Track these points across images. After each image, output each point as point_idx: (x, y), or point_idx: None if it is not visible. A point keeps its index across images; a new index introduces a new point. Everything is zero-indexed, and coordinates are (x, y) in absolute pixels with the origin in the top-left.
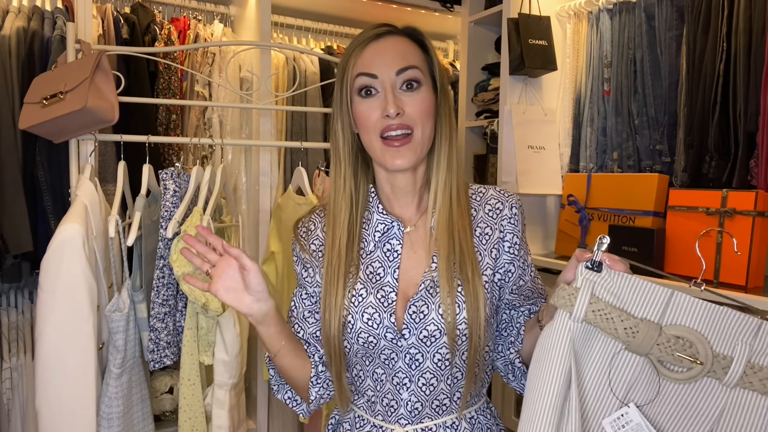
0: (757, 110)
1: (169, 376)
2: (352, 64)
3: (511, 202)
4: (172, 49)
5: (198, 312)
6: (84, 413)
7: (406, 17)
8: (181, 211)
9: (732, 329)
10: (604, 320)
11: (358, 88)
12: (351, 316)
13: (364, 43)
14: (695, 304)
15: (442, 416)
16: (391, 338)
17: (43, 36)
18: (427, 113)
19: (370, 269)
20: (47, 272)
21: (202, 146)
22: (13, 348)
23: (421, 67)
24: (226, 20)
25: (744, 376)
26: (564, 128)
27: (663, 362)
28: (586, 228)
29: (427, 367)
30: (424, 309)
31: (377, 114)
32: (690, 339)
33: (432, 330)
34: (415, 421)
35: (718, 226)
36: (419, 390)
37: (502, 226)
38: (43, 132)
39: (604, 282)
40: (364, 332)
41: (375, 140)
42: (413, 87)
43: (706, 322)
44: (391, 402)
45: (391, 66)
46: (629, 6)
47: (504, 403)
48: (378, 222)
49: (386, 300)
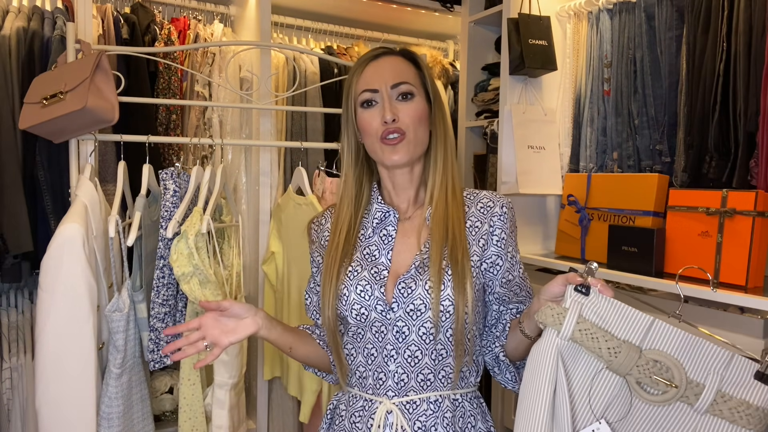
0: (757, 110)
1: (169, 376)
2: (356, 81)
3: (502, 202)
4: (172, 49)
5: (198, 312)
6: (84, 413)
7: (406, 17)
8: (181, 211)
9: (706, 359)
10: (590, 339)
11: (362, 101)
12: (346, 288)
13: (365, 63)
14: (674, 332)
15: (426, 391)
16: (381, 310)
17: (43, 36)
18: (419, 119)
19: (367, 251)
20: (47, 272)
21: (202, 146)
22: (13, 348)
23: (414, 82)
24: (226, 20)
25: (714, 404)
26: (564, 128)
27: (641, 384)
28: (586, 228)
29: (413, 339)
30: (411, 285)
31: (378, 121)
32: (667, 364)
33: (418, 304)
34: (401, 393)
35: (718, 226)
36: (405, 362)
37: (492, 221)
38: (43, 132)
39: (592, 305)
40: (357, 303)
41: (376, 143)
42: (407, 98)
43: (682, 350)
44: (380, 375)
45: (388, 81)
46: (629, 6)
47: (504, 403)
48: (377, 210)
49: (378, 275)
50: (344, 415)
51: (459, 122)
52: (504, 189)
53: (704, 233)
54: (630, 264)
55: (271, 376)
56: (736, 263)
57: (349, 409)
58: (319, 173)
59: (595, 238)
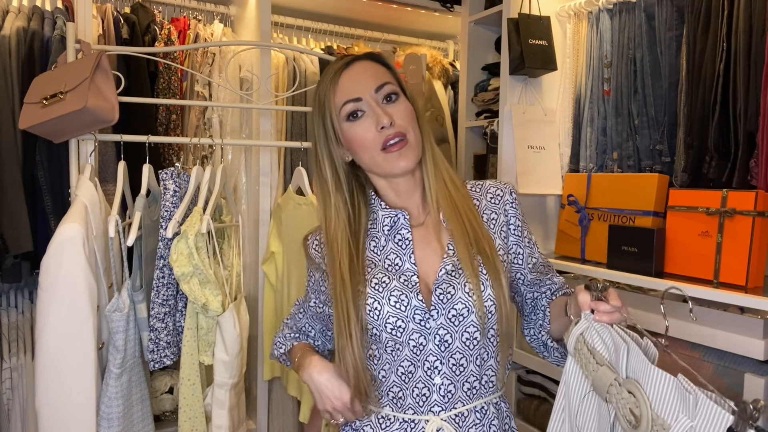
0: (757, 110)
1: (169, 376)
2: (332, 95)
3: (509, 188)
4: (172, 49)
5: (198, 312)
6: (84, 413)
7: (406, 17)
8: (181, 211)
9: (673, 399)
10: (580, 356)
11: (346, 114)
12: (377, 302)
13: (337, 73)
14: (644, 365)
15: (473, 401)
16: (420, 319)
17: (43, 36)
18: (412, 118)
19: (388, 261)
20: (47, 272)
21: (202, 146)
22: (13, 348)
23: (393, 82)
24: (226, 20)
25: None
26: (564, 128)
27: (617, 414)
28: (586, 228)
29: (457, 347)
30: (449, 290)
31: (372, 131)
32: (637, 396)
33: (460, 308)
34: (448, 407)
35: (718, 226)
36: (451, 371)
37: (505, 210)
38: (43, 132)
39: (597, 326)
40: (392, 316)
41: (377, 155)
42: (393, 99)
43: (652, 386)
44: (423, 390)
45: (369, 86)
46: (629, 6)
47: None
48: (384, 217)
49: (409, 282)
50: None
51: (459, 122)
52: None
53: (704, 233)
54: (630, 264)
55: (271, 376)
56: (736, 263)
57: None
58: None
59: (595, 238)
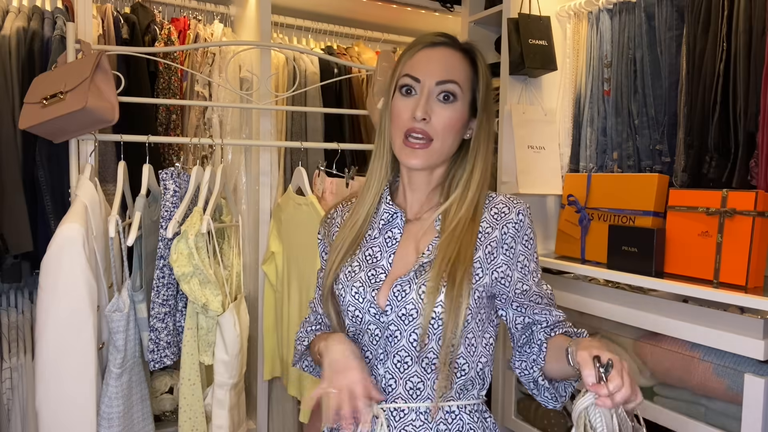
0: (757, 110)
1: (169, 376)
2: (403, 62)
3: (518, 209)
4: (172, 49)
5: (198, 312)
6: (84, 413)
7: (406, 17)
8: (181, 211)
9: None
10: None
11: (401, 86)
12: (343, 289)
13: (418, 47)
14: None
15: (416, 401)
16: (374, 313)
17: (43, 36)
18: (452, 127)
19: (369, 252)
20: (47, 272)
21: (202, 146)
22: (13, 348)
23: (462, 84)
24: (226, 20)
25: None
26: (564, 128)
27: None
28: (586, 228)
29: (403, 345)
30: (406, 288)
31: (408, 114)
32: None
33: (410, 309)
34: (388, 400)
35: (718, 226)
36: (394, 367)
37: (505, 227)
38: (43, 132)
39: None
40: (351, 306)
41: (398, 137)
42: (449, 99)
43: None
44: (371, 376)
45: (434, 75)
46: (629, 6)
47: (504, 403)
48: (384, 211)
49: (375, 278)
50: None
51: None
52: (504, 189)
53: (704, 233)
54: (630, 264)
55: (271, 376)
56: (736, 263)
57: None
58: (319, 173)
59: (595, 238)
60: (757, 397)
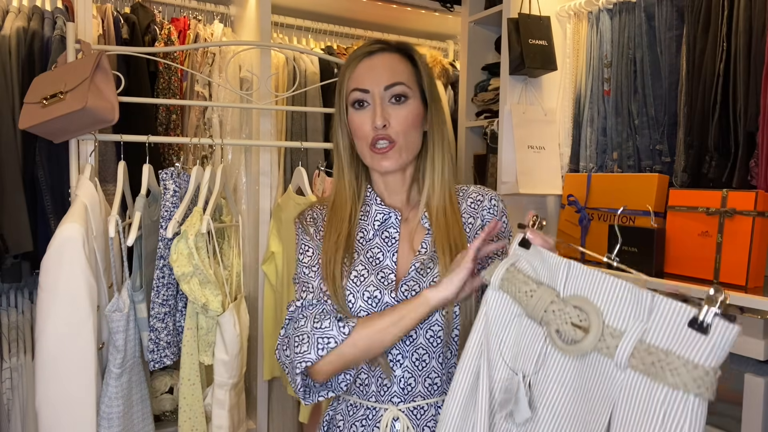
0: (757, 110)
1: (169, 376)
2: (347, 78)
3: (490, 195)
4: (172, 49)
5: (198, 312)
6: (84, 413)
7: (406, 17)
8: (181, 211)
9: (627, 303)
10: (511, 285)
11: (352, 101)
12: (352, 295)
13: (357, 59)
14: (592, 276)
15: (434, 396)
16: None
17: (43, 36)
18: (411, 124)
19: (371, 254)
20: (47, 272)
21: (202, 146)
22: (13, 348)
23: (409, 82)
24: (226, 20)
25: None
26: (564, 128)
27: (560, 333)
28: (586, 228)
29: (420, 343)
30: (415, 287)
31: (368, 125)
32: (585, 309)
33: None
34: (407, 399)
35: (718, 226)
36: (412, 365)
37: (482, 215)
38: (43, 132)
39: (528, 256)
40: (363, 311)
41: (365, 148)
42: (401, 100)
43: (602, 295)
44: (384, 380)
45: (380, 82)
46: (629, 6)
47: None
48: (377, 212)
49: (386, 280)
50: (343, 425)
51: (459, 122)
52: (504, 189)
53: (704, 233)
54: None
55: (271, 376)
56: (736, 263)
57: (348, 420)
58: (319, 173)
59: (595, 238)
60: (757, 397)
